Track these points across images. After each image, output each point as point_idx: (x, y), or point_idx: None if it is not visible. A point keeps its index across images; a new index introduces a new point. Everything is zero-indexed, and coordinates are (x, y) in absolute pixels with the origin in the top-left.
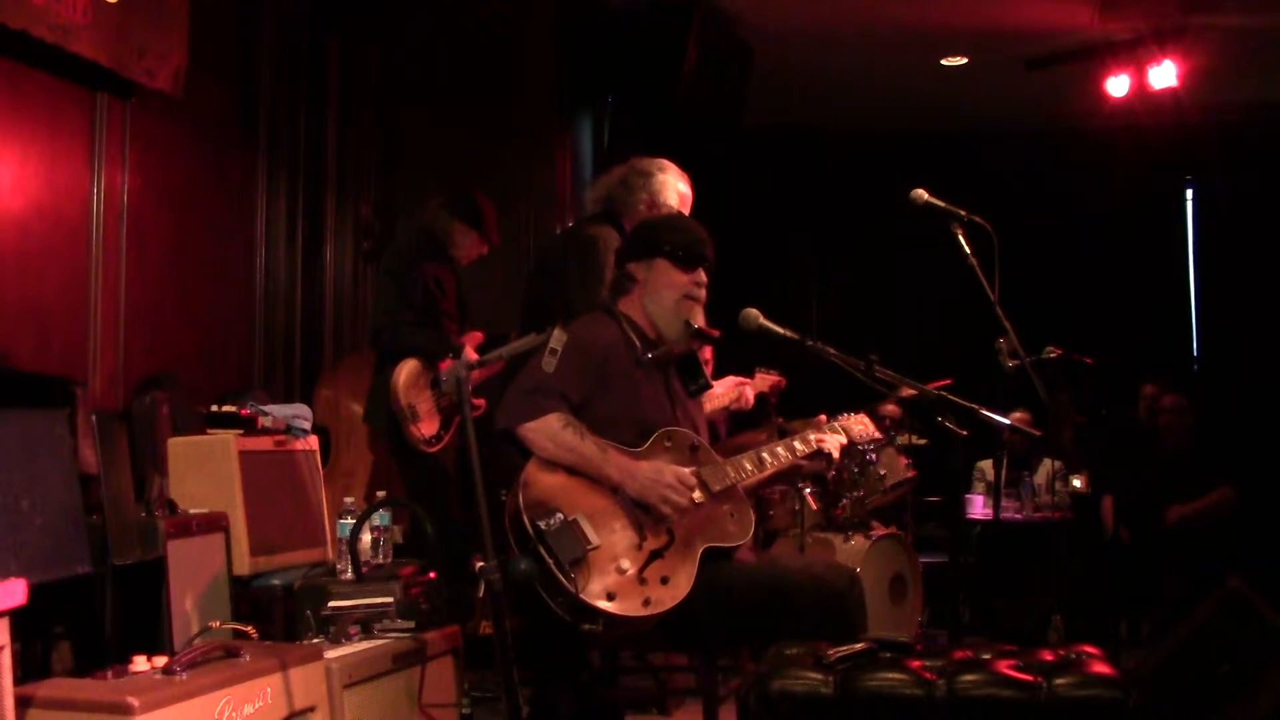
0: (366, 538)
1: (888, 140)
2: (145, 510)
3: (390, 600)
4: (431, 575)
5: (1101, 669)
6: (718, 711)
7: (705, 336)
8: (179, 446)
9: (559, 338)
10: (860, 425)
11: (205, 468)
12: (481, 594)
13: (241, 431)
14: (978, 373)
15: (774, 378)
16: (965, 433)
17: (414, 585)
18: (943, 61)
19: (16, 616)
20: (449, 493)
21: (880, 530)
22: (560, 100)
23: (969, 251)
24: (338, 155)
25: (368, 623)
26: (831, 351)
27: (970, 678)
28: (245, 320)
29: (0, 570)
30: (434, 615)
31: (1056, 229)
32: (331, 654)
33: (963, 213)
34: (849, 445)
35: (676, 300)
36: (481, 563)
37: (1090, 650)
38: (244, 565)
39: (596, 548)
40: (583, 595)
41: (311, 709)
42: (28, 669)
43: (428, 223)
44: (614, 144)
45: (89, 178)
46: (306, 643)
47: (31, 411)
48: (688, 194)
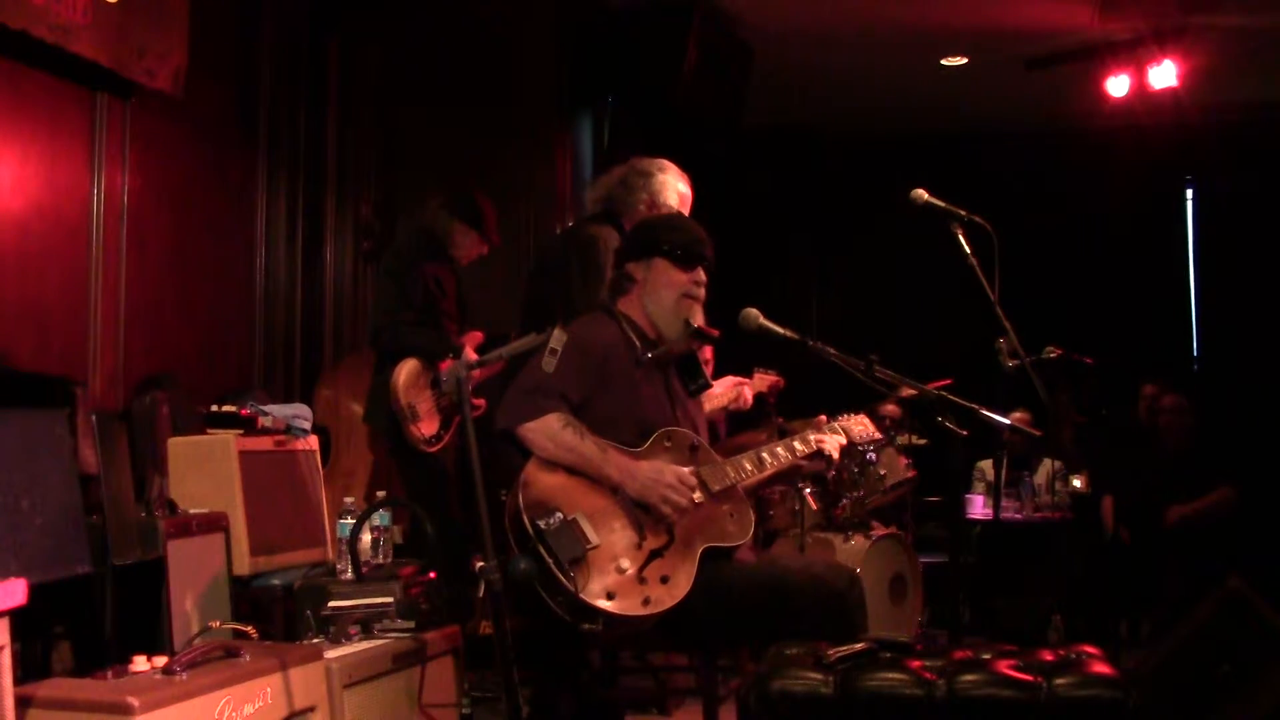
0: (366, 538)
1: (888, 140)
2: (145, 510)
3: (390, 600)
4: (431, 575)
5: (1101, 669)
6: (718, 711)
7: (705, 336)
8: (179, 446)
9: (559, 338)
10: (860, 426)
11: (205, 468)
12: (481, 594)
13: (241, 431)
14: (978, 373)
15: (772, 378)
16: (965, 433)
17: (414, 585)
18: (943, 61)
19: (16, 616)
20: (449, 493)
21: (880, 530)
22: (560, 100)
23: (969, 251)
24: (338, 155)
25: (368, 623)
26: (831, 351)
27: (970, 678)
28: (245, 320)
29: (0, 570)
30: (434, 615)
31: (1056, 229)
32: (331, 654)
33: (963, 213)
34: (849, 446)
35: (676, 300)
36: (481, 563)
37: (1090, 650)
38: (244, 565)
39: (596, 547)
40: (582, 595)
41: (311, 709)
42: (28, 669)
43: (428, 223)
44: (614, 144)
45: (89, 178)
46: (306, 643)
47: (31, 411)
48: (687, 194)
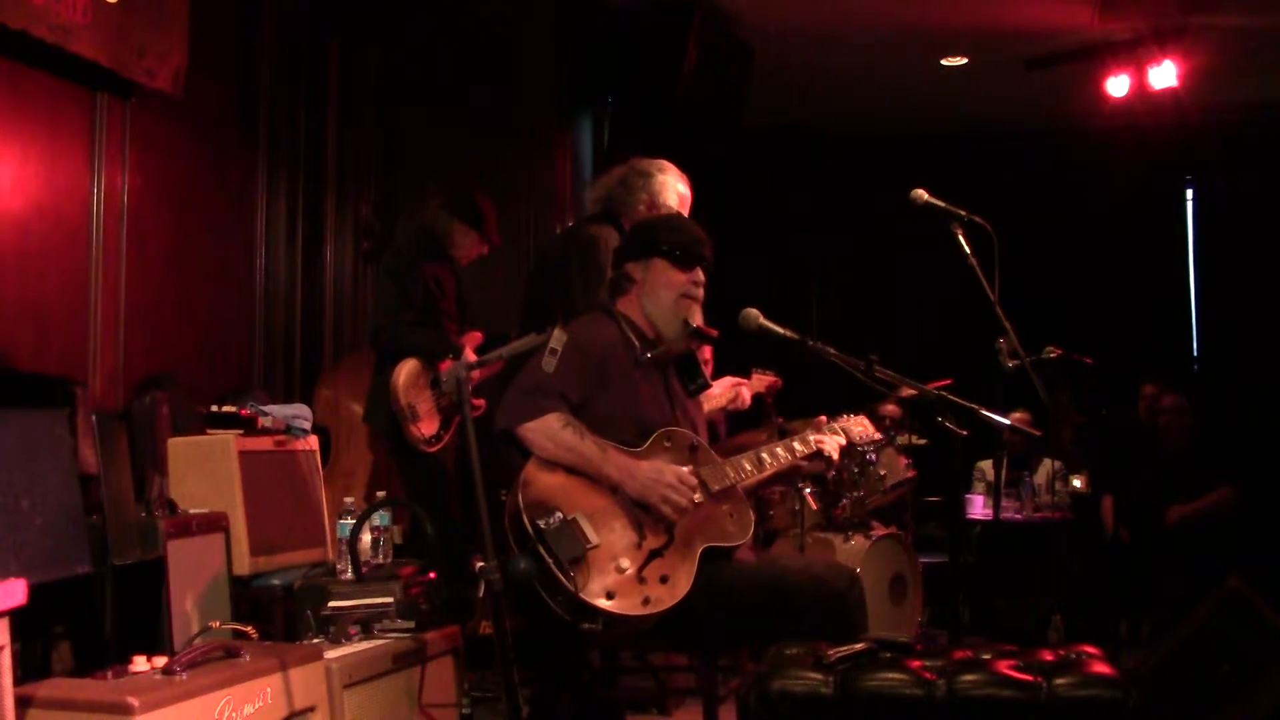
0: (366, 538)
1: (888, 140)
2: (145, 510)
3: (390, 600)
4: (431, 575)
5: (1101, 669)
6: (718, 711)
7: (703, 336)
8: (179, 446)
9: (559, 338)
10: (860, 426)
11: (205, 468)
12: (481, 594)
13: (241, 431)
14: (978, 373)
15: (770, 378)
16: (965, 433)
17: (414, 585)
18: (943, 61)
19: (16, 616)
20: (449, 493)
21: (880, 530)
22: (560, 100)
23: (969, 251)
24: (338, 155)
25: (368, 623)
26: (831, 351)
27: (970, 678)
28: (245, 320)
29: (0, 570)
30: (434, 615)
31: (1056, 229)
32: (331, 654)
33: (963, 213)
34: (848, 446)
35: (675, 300)
36: (481, 563)
37: (1090, 650)
38: (244, 565)
39: (596, 547)
40: (582, 594)
41: (311, 709)
42: (28, 669)
43: (428, 223)
44: (614, 144)
45: (89, 178)
46: (306, 643)
47: (31, 411)
48: (687, 194)
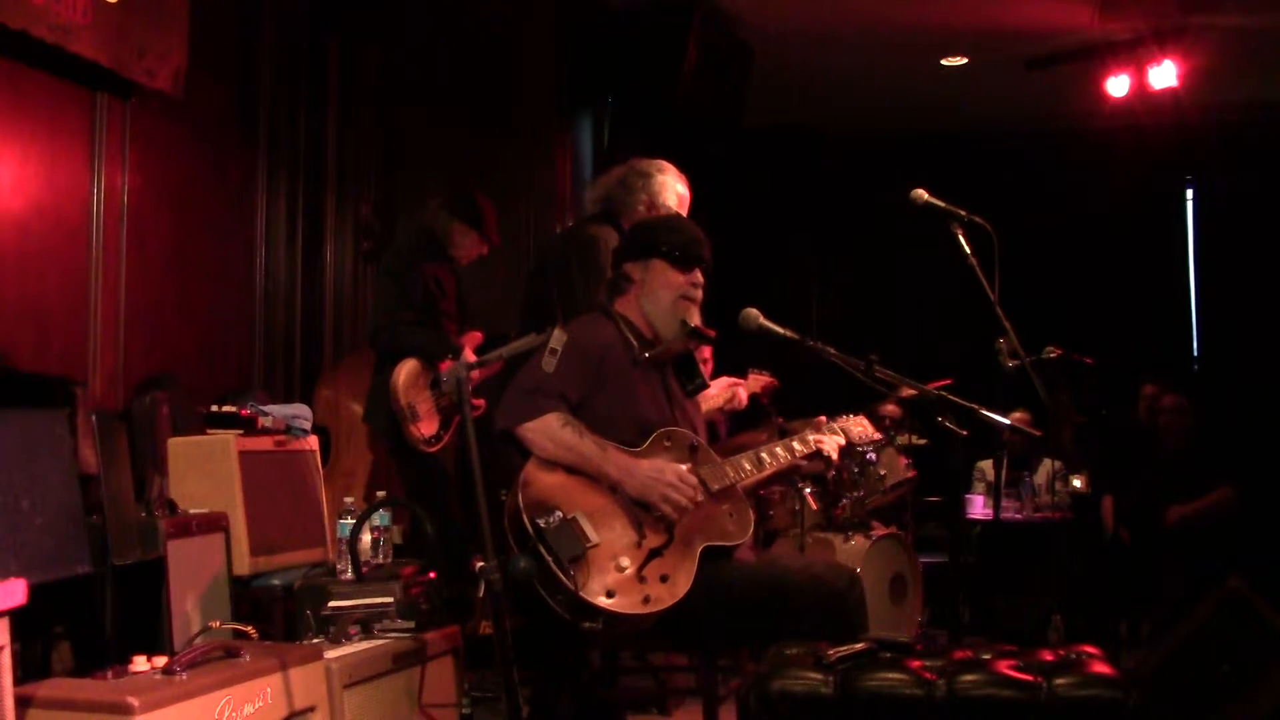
0: (366, 538)
1: (888, 140)
2: (145, 510)
3: (390, 600)
4: (431, 575)
5: (1101, 669)
6: (718, 711)
7: (702, 336)
8: (179, 446)
9: (559, 338)
10: (859, 427)
11: (205, 468)
12: (481, 594)
13: (241, 431)
14: (978, 373)
15: (766, 379)
16: (965, 433)
17: (414, 585)
18: (943, 61)
19: (16, 616)
20: (449, 493)
21: (880, 530)
22: (560, 100)
23: (969, 251)
24: (338, 155)
25: (368, 623)
26: (831, 351)
27: (970, 678)
28: (245, 320)
29: (0, 570)
30: (434, 615)
31: (1056, 229)
32: (331, 654)
33: (963, 213)
34: (847, 446)
35: (673, 300)
36: (481, 563)
37: (1090, 650)
38: (244, 565)
39: (596, 546)
40: (582, 593)
41: (311, 709)
42: (28, 669)
43: (428, 223)
44: (614, 144)
45: (89, 178)
46: (306, 643)
47: (31, 411)
48: (686, 195)
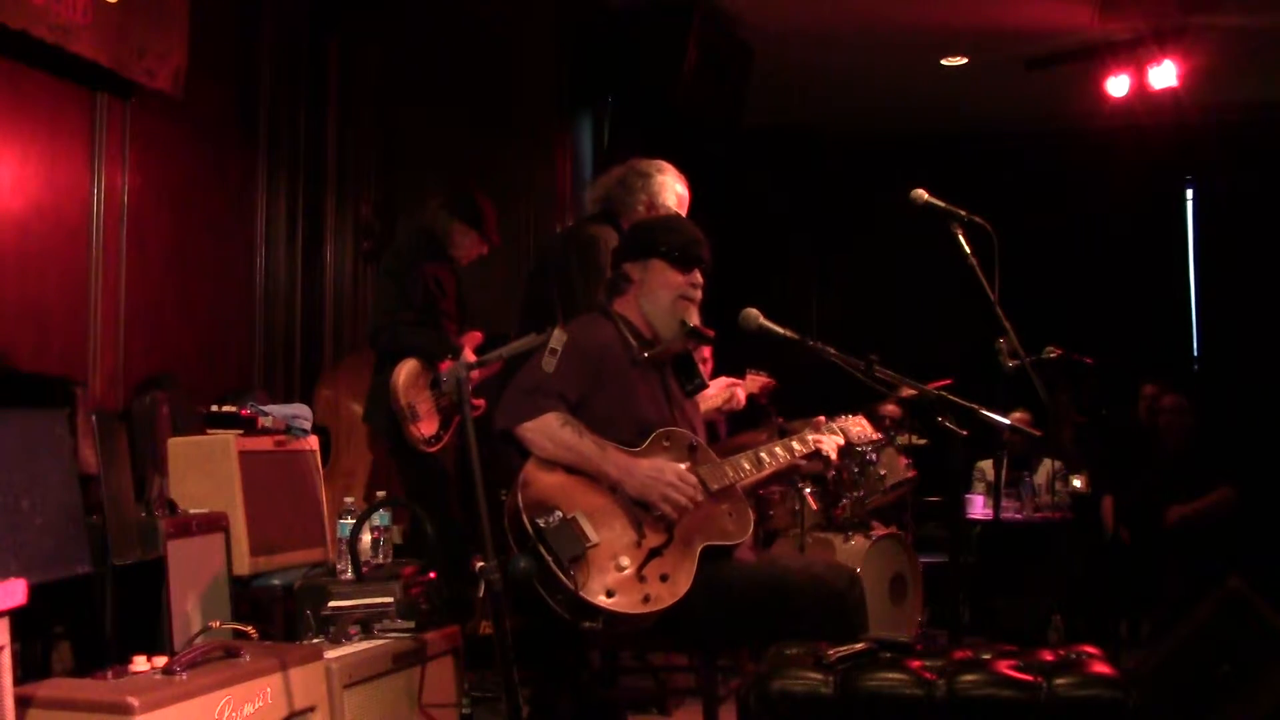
0: (366, 538)
1: (888, 140)
2: (145, 510)
3: (390, 600)
4: (431, 575)
5: (1101, 669)
6: (718, 711)
7: (701, 336)
8: (179, 446)
9: (559, 338)
10: (858, 427)
11: (205, 468)
12: (481, 594)
13: (241, 431)
14: (978, 373)
15: (764, 379)
16: (965, 433)
17: (414, 585)
18: (943, 61)
19: (16, 616)
20: (449, 493)
21: (880, 530)
22: (560, 100)
23: (969, 251)
24: (338, 155)
25: (368, 623)
26: (831, 351)
27: (970, 678)
28: (245, 320)
29: (0, 570)
30: (434, 615)
31: (1056, 229)
32: (331, 654)
33: (963, 213)
34: (847, 446)
35: (672, 300)
36: (481, 563)
37: (1090, 650)
38: (244, 565)
39: (595, 545)
40: (582, 592)
41: (311, 709)
42: (28, 669)
43: (428, 223)
44: (614, 144)
45: (89, 178)
46: (306, 643)
47: (31, 411)
48: (686, 195)
